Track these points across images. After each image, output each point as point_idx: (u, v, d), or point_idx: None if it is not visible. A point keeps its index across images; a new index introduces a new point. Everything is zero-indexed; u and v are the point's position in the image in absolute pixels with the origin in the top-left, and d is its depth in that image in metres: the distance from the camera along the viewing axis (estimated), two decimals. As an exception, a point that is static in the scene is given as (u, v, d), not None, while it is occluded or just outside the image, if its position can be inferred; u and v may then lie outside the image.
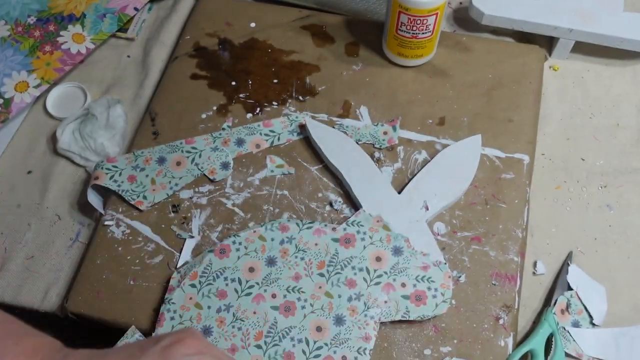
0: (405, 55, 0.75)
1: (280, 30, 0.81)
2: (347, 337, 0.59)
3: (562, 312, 0.63)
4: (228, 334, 0.59)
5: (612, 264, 0.67)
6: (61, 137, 0.73)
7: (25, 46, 0.80)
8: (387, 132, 0.72)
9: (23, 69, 0.79)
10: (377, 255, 0.63)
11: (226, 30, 0.82)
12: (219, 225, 0.67)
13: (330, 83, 0.76)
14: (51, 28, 0.82)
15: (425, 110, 0.74)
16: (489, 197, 0.67)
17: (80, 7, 0.84)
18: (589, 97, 0.78)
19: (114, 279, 0.64)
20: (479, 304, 0.62)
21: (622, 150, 0.74)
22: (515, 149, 0.70)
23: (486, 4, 0.78)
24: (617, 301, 0.64)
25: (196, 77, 0.78)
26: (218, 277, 0.62)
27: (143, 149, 0.72)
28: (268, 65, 0.78)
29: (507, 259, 0.64)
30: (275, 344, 0.59)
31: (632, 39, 0.76)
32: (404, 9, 0.68)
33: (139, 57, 0.84)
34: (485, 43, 0.79)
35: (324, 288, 0.61)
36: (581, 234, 0.68)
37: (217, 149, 0.71)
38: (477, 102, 0.74)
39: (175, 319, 0.60)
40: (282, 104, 0.75)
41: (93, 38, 0.82)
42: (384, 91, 0.75)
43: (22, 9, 0.83)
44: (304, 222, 0.65)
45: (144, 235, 0.66)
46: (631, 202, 0.70)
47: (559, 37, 0.78)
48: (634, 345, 0.61)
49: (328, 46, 0.80)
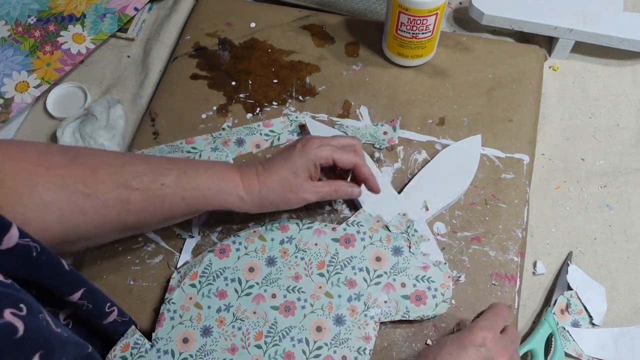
0: (405, 55, 0.75)
1: (280, 30, 0.81)
2: (347, 337, 0.59)
3: (562, 312, 0.63)
4: (228, 334, 0.59)
5: (612, 264, 0.67)
6: (61, 137, 0.73)
7: (26, 46, 0.80)
8: (387, 132, 0.72)
9: (23, 69, 0.79)
10: (377, 255, 0.63)
11: (226, 30, 0.82)
12: (219, 225, 0.67)
13: (330, 83, 0.76)
14: (51, 28, 0.82)
15: (425, 110, 0.74)
16: (489, 197, 0.67)
17: (80, 7, 0.84)
18: (589, 97, 0.78)
19: (114, 279, 0.64)
20: (479, 304, 0.62)
21: (622, 150, 0.74)
22: (515, 149, 0.70)
23: (486, 4, 0.78)
24: (617, 301, 0.64)
25: (196, 77, 0.78)
26: (218, 277, 0.62)
27: (143, 149, 0.72)
28: (268, 65, 0.78)
29: (507, 259, 0.64)
30: (275, 344, 0.59)
31: (632, 39, 0.76)
32: (404, 9, 0.68)
33: (139, 57, 0.84)
34: (485, 43, 0.79)
35: (324, 288, 0.61)
36: (581, 234, 0.68)
37: (217, 149, 0.71)
38: (477, 102, 0.74)
39: (175, 318, 0.60)
40: (282, 104, 0.75)
41: (93, 38, 0.82)
42: (384, 91, 0.75)
43: (23, 9, 0.83)
44: (304, 222, 0.65)
45: (144, 235, 0.66)
46: (631, 202, 0.70)
47: (559, 37, 0.78)
48: (634, 345, 0.61)
49: (328, 46, 0.80)
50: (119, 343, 0.57)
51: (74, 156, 0.52)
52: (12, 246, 0.43)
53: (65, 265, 0.47)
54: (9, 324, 0.37)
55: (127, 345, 0.57)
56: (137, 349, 0.58)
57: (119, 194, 0.52)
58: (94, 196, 0.51)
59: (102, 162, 0.53)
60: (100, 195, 0.51)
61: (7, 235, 0.42)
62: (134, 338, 0.58)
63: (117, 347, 0.57)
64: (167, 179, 0.54)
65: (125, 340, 0.57)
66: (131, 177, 0.52)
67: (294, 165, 0.57)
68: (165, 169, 0.54)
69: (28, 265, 0.44)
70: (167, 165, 0.55)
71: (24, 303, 0.39)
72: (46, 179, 0.49)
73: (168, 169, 0.54)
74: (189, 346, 0.59)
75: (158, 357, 0.58)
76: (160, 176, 0.54)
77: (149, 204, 0.54)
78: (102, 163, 0.53)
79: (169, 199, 0.54)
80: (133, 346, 0.57)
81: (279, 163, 0.58)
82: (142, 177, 0.53)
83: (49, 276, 0.46)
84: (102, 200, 0.51)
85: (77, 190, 0.50)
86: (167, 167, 0.54)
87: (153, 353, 0.58)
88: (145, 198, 0.53)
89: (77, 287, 0.49)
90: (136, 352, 0.57)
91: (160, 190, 0.53)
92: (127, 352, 0.57)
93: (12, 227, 0.43)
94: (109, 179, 0.52)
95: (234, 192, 0.57)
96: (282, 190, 0.57)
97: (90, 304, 0.51)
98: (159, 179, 0.53)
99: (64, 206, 0.50)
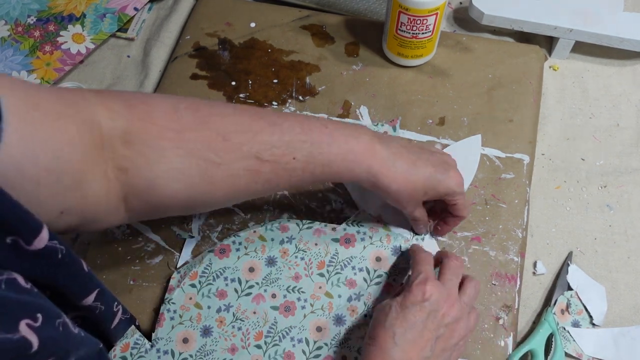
0: (405, 55, 0.75)
1: (280, 30, 0.81)
2: (347, 337, 0.59)
3: (562, 312, 0.63)
4: (228, 334, 0.59)
5: (612, 264, 0.67)
6: (61, 137, 0.73)
7: (25, 46, 0.80)
8: (387, 132, 0.72)
9: (23, 69, 0.79)
10: (377, 255, 0.63)
11: (226, 30, 0.82)
12: (219, 225, 0.67)
13: (330, 83, 0.76)
14: (51, 28, 0.82)
15: (425, 110, 0.74)
16: (489, 197, 0.67)
17: (80, 7, 0.84)
18: (589, 97, 0.78)
19: (114, 279, 0.64)
20: (479, 304, 0.62)
21: (622, 150, 0.74)
22: (515, 149, 0.70)
23: (486, 4, 0.78)
24: (617, 301, 0.64)
25: (196, 77, 0.78)
26: (218, 277, 0.62)
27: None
28: (268, 65, 0.78)
29: (507, 259, 0.64)
30: (275, 344, 0.59)
31: (632, 39, 0.76)
32: (404, 9, 0.68)
33: (139, 57, 0.84)
34: (485, 43, 0.79)
35: (324, 288, 0.61)
36: (581, 234, 0.68)
37: (217, 149, 0.71)
38: (477, 102, 0.74)
39: (175, 319, 0.60)
40: (282, 104, 0.75)
41: (93, 38, 0.82)
42: (384, 91, 0.75)
43: (22, 9, 0.83)
44: (304, 222, 0.65)
45: (144, 235, 0.66)
46: (631, 202, 0.70)
47: (559, 37, 0.78)
48: (634, 345, 0.61)
49: (328, 46, 0.80)
50: (118, 343, 0.57)
51: (205, 119, 0.50)
52: (41, 248, 0.41)
53: (85, 266, 0.46)
54: (24, 339, 0.36)
55: (127, 345, 0.57)
56: (137, 349, 0.58)
57: (249, 165, 0.50)
58: (224, 166, 0.49)
59: (234, 128, 0.50)
60: (230, 164, 0.49)
61: (38, 237, 0.40)
62: (134, 338, 0.58)
63: (117, 347, 0.57)
64: (300, 153, 0.51)
65: (125, 340, 0.57)
66: (263, 148, 0.50)
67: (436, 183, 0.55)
68: (299, 141, 0.51)
69: (50, 268, 0.43)
70: (302, 137, 0.52)
71: (40, 311, 0.38)
72: (176, 144, 0.47)
73: (302, 142, 0.52)
74: (189, 346, 0.59)
75: (158, 357, 0.58)
76: (294, 149, 0.51)
77: (278, 176, 0.52)
78: (235, 129, 0.50)
79: (298, 173, 0.52)
80: (133, 346, 0.57)
81: (418, 169, 0.55)
82: (274, 150, 0.51)
83: (68, 278, 0.45)
84: (232, 170, 0.50)
85: (207, 158, 0.48)
86: (302, 140, 0.52)
87: (153, 353, 0.58)
88: (275, 170, 0.51)
89: (93, 288, 0.48)
90: (136, 352, 0.57)
91: (290, 164, 0.51)
92: (127, 352, 0.57)
93: (43, 229, 0.41)
94: (240, 149, 0.50)
95: (363, 174, 0.54)
96: (403, 195, 0.55)
97: (102, 306, 0.50)
98: (292, 152, 0.51)
99: (194, 173, 0.48)
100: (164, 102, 0.50)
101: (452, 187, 0.56)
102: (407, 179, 0.54)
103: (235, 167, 0.50)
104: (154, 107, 0.49)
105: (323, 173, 0.53)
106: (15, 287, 0.39)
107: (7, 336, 0.35)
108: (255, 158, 0.50)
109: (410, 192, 0.55)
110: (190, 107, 0.50)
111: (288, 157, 0.51)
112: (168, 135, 0.48)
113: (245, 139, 0.50)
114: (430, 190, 0.56)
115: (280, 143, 0.51)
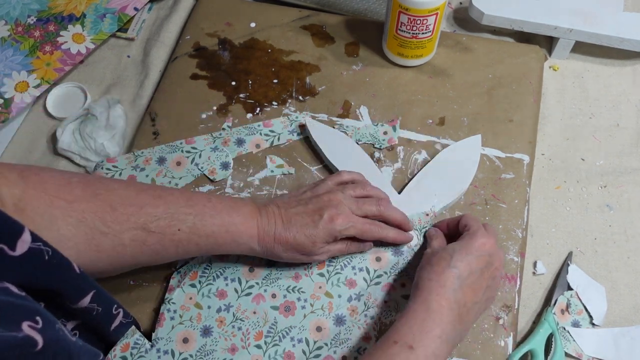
0: (405, 55, 0.75)
1: (280, 30, 0.81)
2: (347, 337, 0.59)
3: (562, 312, 0.63)
4: (228, 334, 0.59)
5: (612, 264, 0.67)
6: (61, 137, 0.73)
7: (25, 46, 0.80)
8: (387, 132, 0.72)
9: (23, 69, 0.79)
10: (377, 255, 0.63)
11: (226, 30, 0.82)
12: (219, 225, 0.67)
13: (330, 83, 0.76)
14: (51, 28, 0.82)
15: (425, 110, 0.74)
16: (489, 197, 0.67)
17: (80, 7, 0.84)
18: (589, 97, 0.78)
19: (114, 279, 0.64)
20: (479, 304, 0.62)
21: (622, 150, 0.74)
22: (515, 149, 0.70)
23: (486, 4, 0.78)
24: (617, 301, 0.64)
25: (196, 77, 0.78)
26: (218, 277, 0.62)
27: (143, 149, 0.71)
28: (268, 65, 0.78)
29: (507, 259, 0.64)
30: (275, 344, 0.59)
31: (632, 39, 0.76)
32: (404, 9, 0.68)
33: (139, 57, 0.84)
34: (485, 43, 0.79)
35: (324, 288, 0.61)
36: (581, 234, 0.68)
37: (217, 149, 0.71)
38: (477, 102, 0.74)
39: (175, 319, 0.60)
40: (282, 104, 0.75)
41: (93, 38, 0.82)
42: (384, 91, 0.75)
43: (22, 9, 0.83)
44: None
45: (144, 235, 0.66)
46: (631, 202, 0.70)
47: (559, 37, 0.78)
48: (634, 345, 0.61)
49: (328, 46, 0.80)
50: (118, 343, 0.57)
51: (95, 191, 0.52)
52: (25, 251, 0.42)
53: (77, 268, 0.47)
54: (28, 337, 0.37)
55: (127, 345, 0.57)
56: (137, 349, 0.58)
57: (136, 235, 0.52)
58: (112, 235, 0.51)
59: (122, 200, 0.53)
60: (117, 234, 0.52)
61: (20, 239, 0.42)
62: (134, 338, 0.58)
63: (117, 347, 0.57)
64: (184, 224, 0.54)
65: (125, 340, 0.57)
66: (149, 219, 0.53)
67: (315, 236, 0.57)
68: (183, 214, 0.54)
69: (40, 271, 0.44)
70: (186, 210, 0.55)
71: (39, 315, 0.39)
72: (66, 213, 0.50)
73: (186, 214, 0.54)
74: (189, 346, 0.59)
75: (158, 357, 0.58)
76: (178, 221, 0.54)
77: (163, 247, 0.54)
78: (123, 202, 0.53)
79: (183, 244, 0.55)
80: (133, 346, 0.57)
81: (299, 226, 0.57)
82: (160, 221, 0.53)
83: (60, 280, 0.46)
84: (118, 239, 0.52)
85: (95, 227, 0.51)
86: (186, 212, 0.54)
87: (153, 353, 0.58)
88: (161, 241, 0.54)
89: (87, 290, 0.49)
90: (136, 352, 0.57)
91: (175, 235, 0.54)
92: (127, 352, 0.57)
93: (24, 231, 0.42)
94: (127, 220, 0.52)
95: (247, 244, 0.57)
96: (294, 252, 0.58)
97: (99, 307, 0.51)
98: (176, 224, 0.54)
99: (81, 241, 0.50)
100: (57, 174, 0.53)
101: (335, 228, 0.57)
102: (287, 240, 0.57)
103: (122, 237, 0.52)
104: (47, 178, 0.51)
105: (207, 244, 0.56)
106: (10, 294, 0.39)
107: (11, 334, 0.35)
108: (142, 229, 0.53)
109: (299, 248, 0.57)
110: (82, 181, 0.53)
111: (173, 229, 0.54)
112: (59, 204, 0.50)
113: (132, 211, 0.52)
114: (317, 238, 0.57)
115: (165, 215, 0.54)
